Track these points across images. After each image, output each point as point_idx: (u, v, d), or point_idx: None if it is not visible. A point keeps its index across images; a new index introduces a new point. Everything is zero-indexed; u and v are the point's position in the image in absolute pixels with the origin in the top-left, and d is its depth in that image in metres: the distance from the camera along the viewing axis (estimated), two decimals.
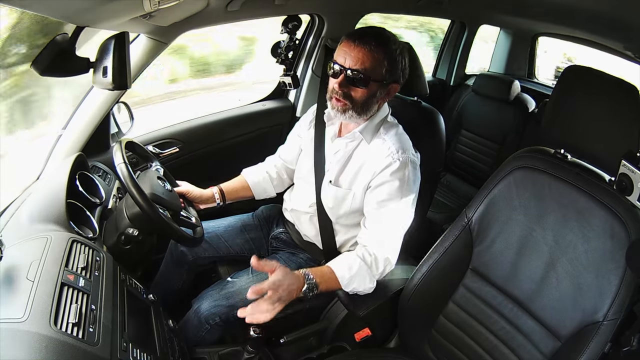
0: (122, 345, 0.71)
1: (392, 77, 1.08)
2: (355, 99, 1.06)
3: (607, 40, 2.03)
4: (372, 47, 1.02)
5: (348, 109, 1.07)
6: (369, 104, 1.08)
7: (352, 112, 1.08)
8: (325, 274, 1.04)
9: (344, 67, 1.04)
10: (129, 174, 0.98)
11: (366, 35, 1.04)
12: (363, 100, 1.06)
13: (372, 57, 1.02)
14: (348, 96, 1.06)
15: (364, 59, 1.02)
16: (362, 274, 1.05)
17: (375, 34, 1.05)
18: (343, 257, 1.08)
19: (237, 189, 1.34)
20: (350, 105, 1.07)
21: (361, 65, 1.02)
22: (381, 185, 1.09)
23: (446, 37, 2.60)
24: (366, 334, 1.15)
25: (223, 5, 1.18)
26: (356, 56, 1.03)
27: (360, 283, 1.06)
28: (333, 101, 1.08)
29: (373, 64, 1.03)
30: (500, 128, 2.27)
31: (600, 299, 0.87)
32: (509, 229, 1.02)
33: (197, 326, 1.13)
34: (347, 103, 1.06)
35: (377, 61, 1.03)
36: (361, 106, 1.07)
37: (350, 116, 1.08)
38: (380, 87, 1.07)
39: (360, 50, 1.02)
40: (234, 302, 1.14)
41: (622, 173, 0.85)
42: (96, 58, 0.94)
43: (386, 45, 1.04)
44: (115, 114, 1.34)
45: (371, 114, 1.12)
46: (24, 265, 0.72)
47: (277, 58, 1.64)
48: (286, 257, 1.27)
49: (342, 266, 1.05)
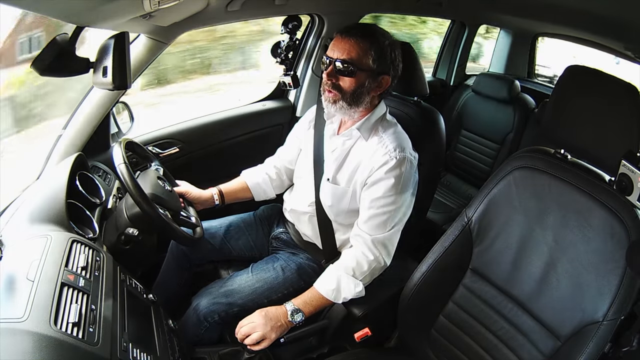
0: (122, 345, 0.71)
1: (380, 67, 1.09)
2: (344, 89, 1.09)
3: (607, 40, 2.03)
4: (358, 38, 1.06)
5: (338, 100, 1.09)
6: (358, 94, 1.10)
7: (343, 103, 1.10)
8: (309, 297, 1.09)
9: (332, 58, 1.08)
10: (129, 174, 0.98)
11: (353, 29, 1.09)
12: (352, 90, 1.09)
13: (357, 47, 1.06)
14: (337, 87, 1.09)
15: (350, 49, 1.06)
16: (345, 283, 1.09)
17: (361, 27, 1.10)
18: (325, 273, 1.12)
19: (237, 190, 1.34)
20: (340, 96, 1.09)
21: (347, 55, 1.06)
22: (377, 183, 1.10)
23: (446, 37, 2.60)
24: (366, 334, 1.15)
25: (223, 5, 1.19)
26: (343, 47, 1.07)
27: (348, 291, 1.09)
28: (325, 94, 1.11)
29: (359, 53, 1.06)
30: (500, 128, 2.27)
31: (600, 299, 0.87)
32: (509, 229, 1.02)
33: (196, 324, 1.14)
34: (336, 93, 1.09)
35: (362, 50, 1.06)
36: (351, 96, 1.09)
37: (341, 107, 1.10)
38: (369, 77, 1.09)
39: (347, 42, 1.07)
40: (233, 300, 1.14)
41: (622, 173, 0.85)
42: (96, 58, 0.94)
43: (372, 36, 1.08)
44: (115, 114, 1.34)
45: (363, 106, 1.12)
46: (24, 265, 0.72)
47: (277, 58, 1.64)
48: (286, 257, 1.27)
49: (324, 283, 1.10)
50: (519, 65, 2.72)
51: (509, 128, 2.24)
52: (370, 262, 1.10)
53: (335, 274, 1.10)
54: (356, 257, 1.11)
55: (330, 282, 1.09)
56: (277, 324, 1.05)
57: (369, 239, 1.11)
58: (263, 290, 1.17)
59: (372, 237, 1.10)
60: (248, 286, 1.17)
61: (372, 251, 1.10)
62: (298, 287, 1.19)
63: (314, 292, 1.10)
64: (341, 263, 1.12)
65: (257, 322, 1.04)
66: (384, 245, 1.11)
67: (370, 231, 1.11)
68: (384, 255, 1.11)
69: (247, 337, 1.03)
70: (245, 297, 1.15)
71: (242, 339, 1.03)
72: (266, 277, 1.20)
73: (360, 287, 1.09)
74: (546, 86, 2.63)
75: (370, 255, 1.10)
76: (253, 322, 1.04)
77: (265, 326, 1.03)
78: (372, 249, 1.10)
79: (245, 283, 1.18)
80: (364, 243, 1.11)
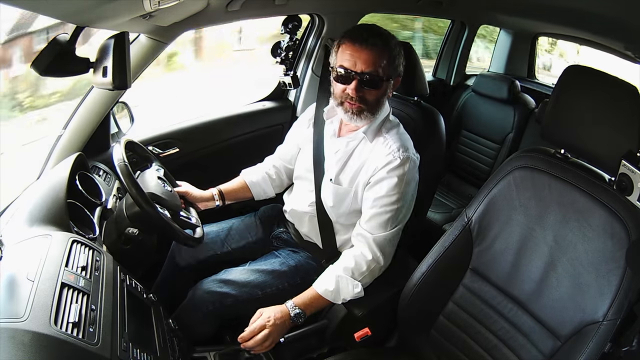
0: (122, 345, 0.71)
1: (395, 72, 1.11)
2: (370, 101, 1.08)
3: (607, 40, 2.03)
4: (376, 47, 1.04)
5: (363, 111, 1.09)
6: (381, 103, 1.11)
7: (367, 113, 1.10)
8: (309, 297, 1.09)
9: (354, 71, 1.05)
10: (128, 173, 0.98)
11: (371, 37, 1.05)
12: (376, 100, 1.09)
13: (378, 57, 1.05)
14: (363, 99, 1.08)
15: (374, 60, 1.04)
16: (344, 284, 1.09)
17: (375, 34, 1.07)
18: (324, 274, 1.12)
19: (237, 189, 1.34)
20: (365, 107, 1.09)
21: (373, 67, 1.04)
22: (380, 182, 1.10)
23: (446, 37, 2.59)
24: (366, 333, 1.15)
25: (223, 5, 1.18)
26: (367, 59, 1.04)
27: (346, 293, 1.09)
28: (346, 105, 1.10)
29: (381, 64, 1.05)
30: (500, 128, 2.27)
31: (600, 299, 0.86)
32: (509, 229, 1.02)
33: (192, 313, 1.14)
34: (361, 106, 1.08)
35: (382, 59, 1.06)
36: (374, 106, 1.10)
37: (365, 117, 1.11)
38: (389, 84, 1.10)
39: (369, 53, 1.04)
40: (227, 290, 1.14)
41: (622, 173, 0.85)
42: (96, 58, 0.94)
43: (389, 42, 1.07)
44: (115, 114, 1.34)
45: (380, 110, 1.13)
46: (24, 265, 0.72)
47: (277, 58, 1.64)
48: (285, 254, 1.27)
49: (323, 284, 1.10)
50: (519, 65, 2.72)
51: (509, 128, 2.24)
52: (369, 262, 1.10)
53: (335, 275, 1.10)
54: (355, 257, 1.11)
55: (329, 283, 1.09)
56: (282, 324, 1.04)
57: (370, 238, 1.11)
58: (258, 283, 1.17)
59: (374, 236, 1.10)
60: (243, 278, 1.17)
61: (372, 251, 1.10)
62: (294, 283, 1.19)
63: (313, 292, 1.10)
64: (340, 264, 1.12)
65: (261, 324, 1.01)
66: (384, 245, 1.11)
67: (371, 230, 1.11)
68: (384, 255, 1.11)
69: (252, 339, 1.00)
70: (239, 288, 1.15)
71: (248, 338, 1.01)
72: (262, 270, 1.20)
73: (359, 289, 1.09)
74: (546, 86, 2.62)
75: (369, 255, 1.10)
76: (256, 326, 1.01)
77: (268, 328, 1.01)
78: (372, 249, 1.11)
79: (240, 274, 1.18)
80: (365, 242, 1.11)
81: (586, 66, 0.96)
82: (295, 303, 1.07)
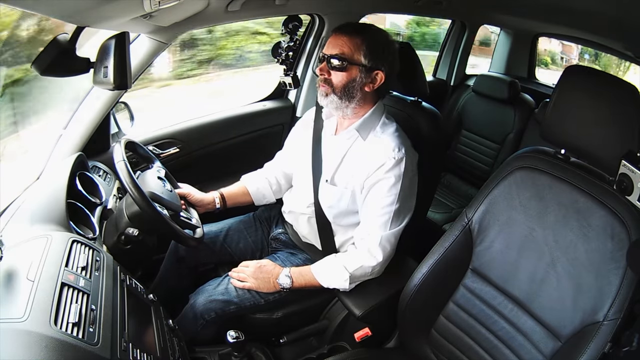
0: (122, 345, 0.71)
1: (373, 63, 1.10)
2: (335, 83, 1.10)
3: (607, 40, 2.03)
4: (350, 34, 1.09)
5: (329, 93, 1.11)
6: (349, 88, 1.10)
7: (334, 96, 1.11)
8: (304, 270, 1.17)
9: (325, 54, 1.10)
10: (128, 173, 0.98)
11: (346, 26, 1.11)
12: (343, 84, 1.10)
13: (349, 43, 1.08)
14: (329, 81, 1.11)
15: (342, 45, 1.08)
16: (336, 271, 1.12)
17: (355, 25, 1.14)
18: (324, 259, 1.18)
19: (238, 194, 1.35)
20: (331, 90, 1.11)
21: (339, 51, 1.08)
22: (377, 183, 1.10)
23: (446, 37, 2.60)
24: (366, 334, 1.15)
25: (223, 5, 1.18)
26: (336, 43, 1.09)
27: (333, 280, 1.13)
28: (319, 88, 1.13)
29: (351, 48, 1.08)
30: (500, 128, 2.27)
31: (600, 299, 0.86)
32: (509, 229, 1.02)
33: (193, 321, 1.14)
34: (328, 87, 1.11)
35: (354, 46, 1.08)
36: (341, 90, 1.10)
37: (332, 100, 1.12)
38: (361, 72, 1.09)
39: (339, 38, 1.09)
40: (229, 297, 1.15)
41: (622, 173, 0.84)
42: (96, 58, 0.94)
43: (364, 32, 1.10)
44: (115, 114, 1.34)
45: (356, 102, 1.13)
46: (24, 265, 0.72)
47: (277, 58, 1.64)
48: (284, 258, 1.27)
49: (318, 264, 1.17)
50: (519, 66, 2.72)
51: (509, 128, 2.24)
52: (368, 261, 1.10)
53: (332, 261, 1.15)
54: (354, 254, 1.12)
55: (322, 265, 1.15)
56: (266, 278, 1.15)
57: (369, 239, 1.11)
58: None
59: (373, 236, 1.10)
60: None
61: (372, 251, 1.10)
62: None
63: (307, 268, 1.17)
64: (340, 254, 1.16)
65: (250, 270, 1.16)
66: (383, 245, 1.11)
67: (371, 231, 1.11)
68: (384, 255, 1.11)
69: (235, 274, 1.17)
70: (242, 296, 1.16)
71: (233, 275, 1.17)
72: None
73: (346, 284, 1.12)
74: (546, 86, 2.63)
75: (368, 255, 1.10)
76: (247, 268, 1.17)
77: (255, 275, 1.15)
78: (371, 249, 1.11)
79: None
80: (365, 242, 1.11)
81: (586, 66, 0.96)
82: (290, 270, 1.16)
